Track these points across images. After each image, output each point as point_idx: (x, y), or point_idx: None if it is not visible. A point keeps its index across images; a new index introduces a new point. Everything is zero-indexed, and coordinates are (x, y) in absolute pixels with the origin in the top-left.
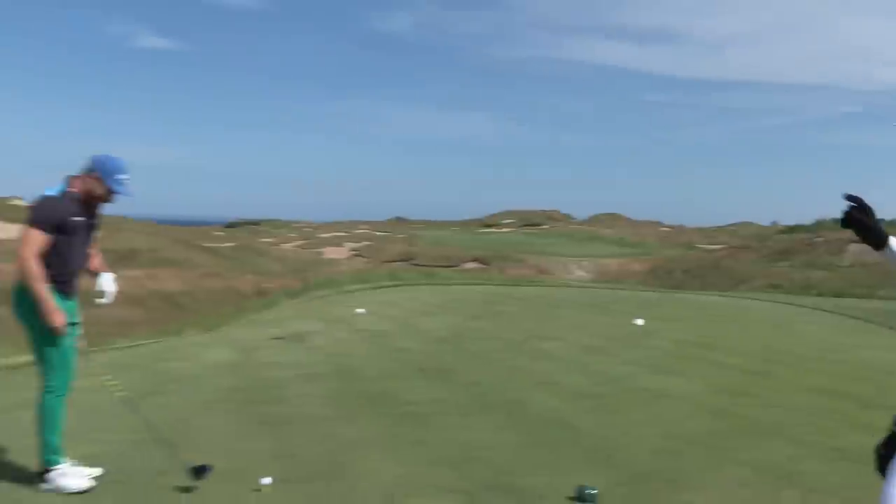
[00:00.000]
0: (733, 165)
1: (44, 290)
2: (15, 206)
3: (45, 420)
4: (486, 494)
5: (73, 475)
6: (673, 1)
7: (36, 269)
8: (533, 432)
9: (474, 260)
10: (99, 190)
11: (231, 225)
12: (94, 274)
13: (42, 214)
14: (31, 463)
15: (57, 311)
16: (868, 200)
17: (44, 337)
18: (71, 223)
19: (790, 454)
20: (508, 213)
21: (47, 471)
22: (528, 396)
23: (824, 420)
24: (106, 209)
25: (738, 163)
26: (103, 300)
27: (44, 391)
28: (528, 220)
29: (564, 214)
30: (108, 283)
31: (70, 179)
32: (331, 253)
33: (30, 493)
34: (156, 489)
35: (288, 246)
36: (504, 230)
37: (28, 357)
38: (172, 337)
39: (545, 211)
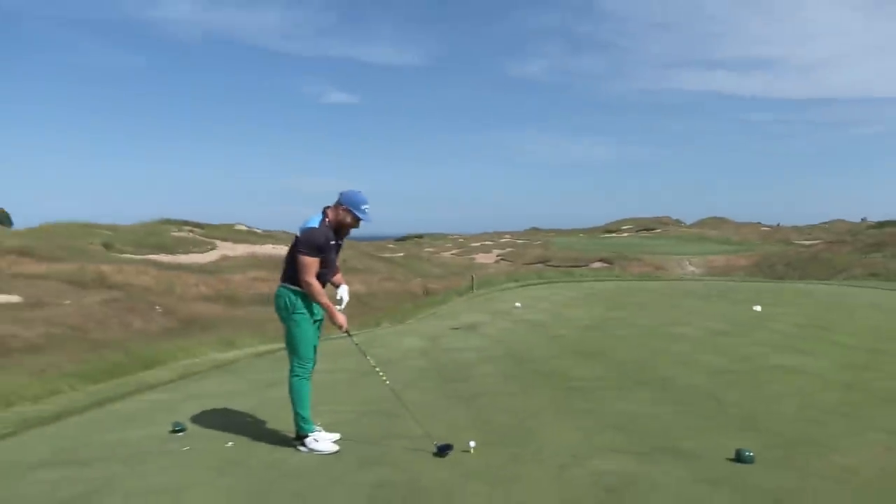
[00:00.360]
0: (823, 170)
1: (327, 302)
2: (239, 230)
3: (295, 397)
4: (655, 455)
5: (323, 440)
6: (765, 33)
7: (318, 287)
8: (684, 403)
9: (600, 260)
10: (348, 219)
11: (401, 239)
12: (336, 285)
13: (310, 244)
14: (288, 429)
15: (340, 315)
16: None
17: (295, 333)
18: (327, 246)
19: None
20: (626, 220)
21: (303, 437)
22: (673, 373)
23: None
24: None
25: (827, 168)
26: (340, 307)
27: (292, 375)
28: (644, 226)
29: (675, 219)
30: (344, 293)
31: (325, 210)
32: (481, 258)
33: (290, 454)
34: (386, 450)
35: (446, 254)
36: (623, 234)
37: (268, 346)
38: (371, 329)
39: (658, 217)
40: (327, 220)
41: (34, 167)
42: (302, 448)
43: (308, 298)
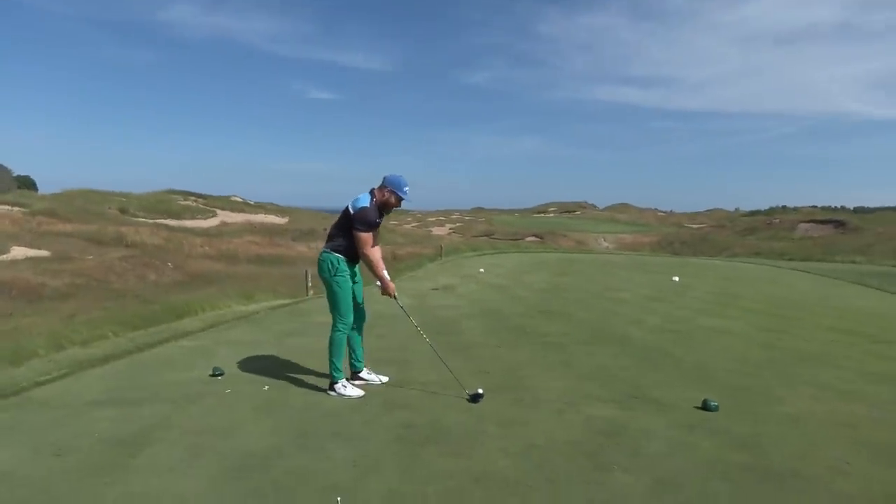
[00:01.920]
0: (705, 168)
1: (383, 273)
2: (235, 201)
3: (333, 348)
4: (634, 403)
5: (350, 387)
6: (666, 57)
7: (376, 259)
8: (643, 357)
9: (533, 235)
10: (392, 199)
11: None
12: None
13: (364, 221)
14: (314, 374)
15: (391, 284)
16: (796, 193)
17: (337, 292)
18: (376, 223)
19: (838, 376)
20: (553, 203)
21: (334, 383)
22: (626, 331)
23: (850, 351)
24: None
25: (708, 166)
26: None
27: (334, 329)
28: (566, 208)
29: (591, 204)
30: None
31: (373, 191)
32: (436, 231)
33: (323, 397)
34: (406, 395)
35: (407, 226)
36: (550, 215)
37: (282, 300)
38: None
39: (577, 202)
40: (374, 199)
41: (54, 142)
42: (332, 393)
43: (348, 263)
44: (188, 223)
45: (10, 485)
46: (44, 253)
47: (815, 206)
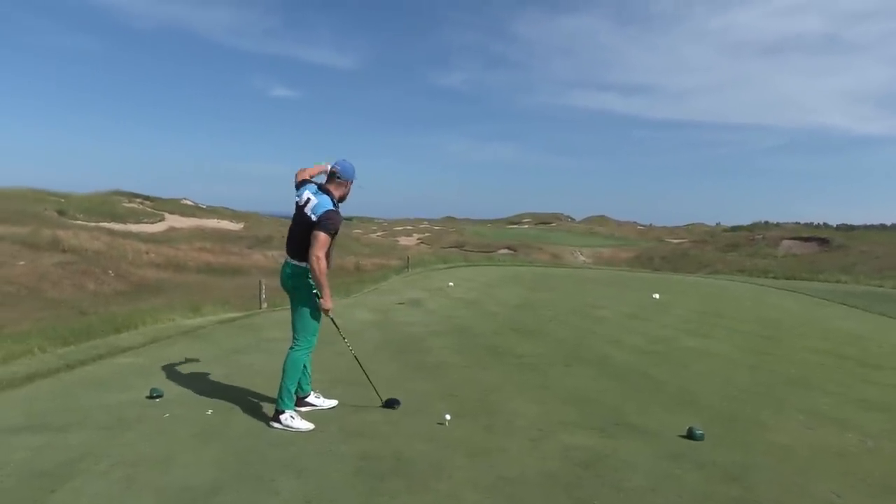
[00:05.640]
0: (685, 181)
1: (326, 282)
2: (185, 204)
3: (290, 370)
4: (616, 430)
5: (299, 419)
6: (649, 64)
7: (325, 266)
8: (624, 380)
9: (506, 247)
10: (347, 192)
11: None
12: None
13: (335, 225)
14: (264, 397)
15: (330, 299)
16: (779, 208)
17: (310, 310)
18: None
19: (828, 402)
20: (527, 214)
21: (280, 412)
22: (606, 351)
23: (837, 375)
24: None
25: (691, 179)
26: None
27: (296, 349)
28: (541, 220)
29: (567, 216)
30: None
31: (327, 188)
32: (403, 241)
33: (263, 428)
34: (365, 420)
35: (373, 235)
36: (524, 226)
37: (230, 314)
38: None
39: (553, 213)
40: (334, 198)
41: None
42: (276, 425)
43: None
44: (133, 227)
45: None
46: None
47: (799, 223)
